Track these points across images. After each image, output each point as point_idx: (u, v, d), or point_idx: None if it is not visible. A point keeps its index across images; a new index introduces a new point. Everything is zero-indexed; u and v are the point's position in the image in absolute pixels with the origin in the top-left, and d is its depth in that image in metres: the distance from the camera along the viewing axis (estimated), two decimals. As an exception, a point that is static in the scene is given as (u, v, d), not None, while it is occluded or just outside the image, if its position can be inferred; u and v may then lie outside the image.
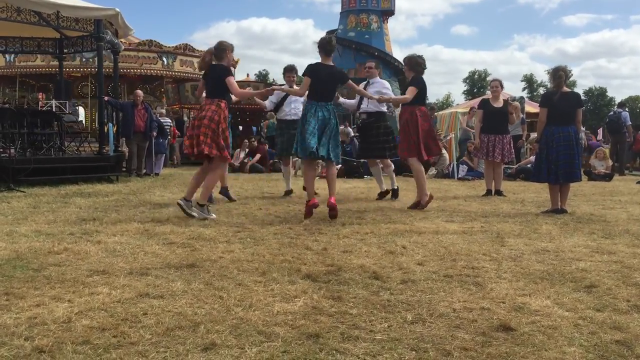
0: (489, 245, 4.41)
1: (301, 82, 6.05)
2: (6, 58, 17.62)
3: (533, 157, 9.39)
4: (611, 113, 16.72)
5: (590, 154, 13.59)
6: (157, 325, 2.49)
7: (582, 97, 7.17)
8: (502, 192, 8.20)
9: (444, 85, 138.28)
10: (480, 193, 8.39)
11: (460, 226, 5.30)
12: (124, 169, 11.31)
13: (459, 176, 11.96)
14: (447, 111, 19.93)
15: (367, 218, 5.79)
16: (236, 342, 2.32)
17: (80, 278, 3.27)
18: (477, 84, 73.58)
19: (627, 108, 17.96)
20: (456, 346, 2.31)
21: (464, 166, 12.20)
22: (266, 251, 4.09)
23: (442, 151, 12.85)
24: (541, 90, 67.75)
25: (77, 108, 16.15)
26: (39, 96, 12.95)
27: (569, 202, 6.72)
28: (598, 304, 2.88)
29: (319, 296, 2.98)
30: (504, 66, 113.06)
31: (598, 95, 73.07)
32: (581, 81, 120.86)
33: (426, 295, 3.02)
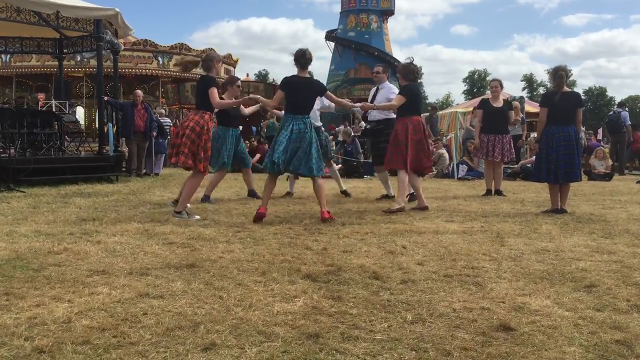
0: (489, 245, 4.41)
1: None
2: (2, 58, 17.61)
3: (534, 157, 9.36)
4: (611, 113, 16.73)
5: (590, 154, 13.58)
6: (157, 325, 2.49)
7: (582, 97, 7.16)
8: (502, 192, 8.20)
9: (444, 85, 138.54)
10: (480, 193, 8.39)
11: (460, 226, 5.30)
12: (124, 169, 11.30)
13: (459, 176, 11.96)
14: (447, 111, 19.92)
15: (367, 218, 5.79)
16: (236, 342, 2.32)
17: (80, 278, 3.27)
18: (477, 84, 73.66)
19: (627, 108, 17.96)
20: (456, 346, 2.31)
21: (464, 166, 12.20)
22: (266, 251, 4.09)
23: (442, 151, 12.88)
24: (541, 90, 67.83)
25: (75, 109, 16.10)
26: (39, 96, 12.95)
27: (569, 202, 6.72)
28: (598, 304, 2.88)
29: (319, 296, 2.98)
30: (504, 66, 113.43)
31: (598, 95, 73.17)
32: (581, 81, 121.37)
33: (426, 295, 3.02)
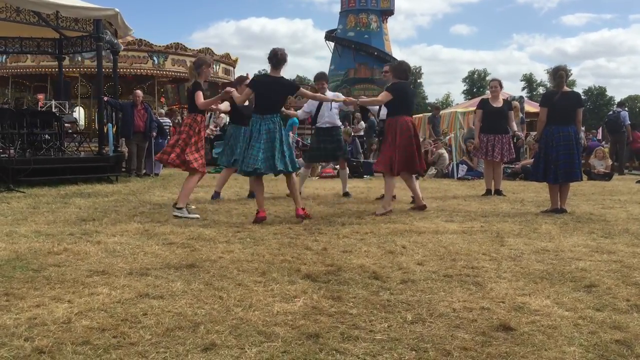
0: (489, 245, 4.41)
1: (335, 88, 6.07)
2: (-1, 59, 17.65)
3: None
4: (610, 112, 16.74)
5: (589, 154, 13.59)
6: (157, 325, 2.50)
7: (582, 97, 7.16)
8: (502, 192, 8.20)
9: (444, 85, 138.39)
10: (479, 193, 8.39)
11: (460, 226, 5.30)
12: (124, 169, 11.30)
13: (459, 176, 11.96)
14: (447, 111, 19.94)
15: (367, 218, 5.80)
16: (236, 343, 2.32)
17: (80, 278, 3.28)
18: (477, 84, 73.67)
19: (627, 107, 17.97)
20: (456, 346, 2.31)
21: (464, 166, 12.20)
22: (266, 251, 4.09)
23: (442, 151, 12.88)
24: (540, 89, 67.89)
25: (74, 109, 16.09)
26: (39, 97, 12.94)
27: (569, 202, 6.72)
28: (598, 304, 2.88)
29: (319, 296, 2.98)
30: (504, 66, 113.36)
31: (597, 94, 73.19)
32: (580, 80, 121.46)
33: (426, 295, 3.03)
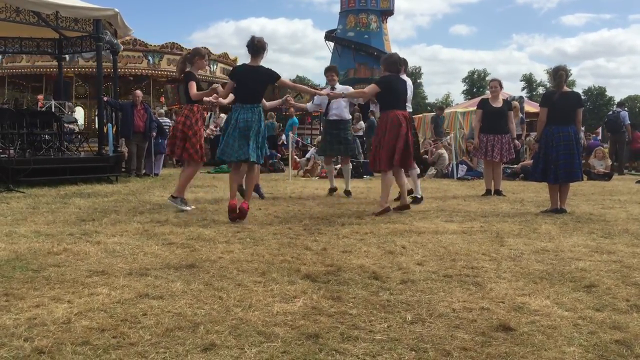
0: (489, 245, 4.41)
1: (343, 81, 6.06)
2: (-5, 59, 17.70)
3: None
4: (610, 112, 16.75)
5: (589, 154, 13.59)
6: (157, 325, 2.49)
7: (582, 97, 7.16)
8: (502, 192, 8.21)
9: (443, 85, 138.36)
10: (479, 193, 8.39)
11: (459, 226, 5.30)
12: (124, 170, 11.30)
13: (459, 176, 11.96)
14: (447, 111, 19.94)
15: (367, 218, 5.79)
16: (236, 343, 2.32)
17: (79, 279, 3.27)
18: (477, 84, 73.72)
19: (627, 107, 17.98)
20: (456, 346, 2.31)
21: (464, 166, 12.21)
22: (266, 251, 4.09)
23: (442, 151, 12.88)
24: (540, 89, 67.95)
25: (75, 110, 16.11)
26: (38, 97, 12.94)
27: (569, 202, 6.72)
28: (597, 304, 2.88)
29: (319, 296, 2.98)
30: (503, 66, 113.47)
31: (597, 94, 73.25)
32: (580, 81, 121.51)
33: (426, 295, 3.03)
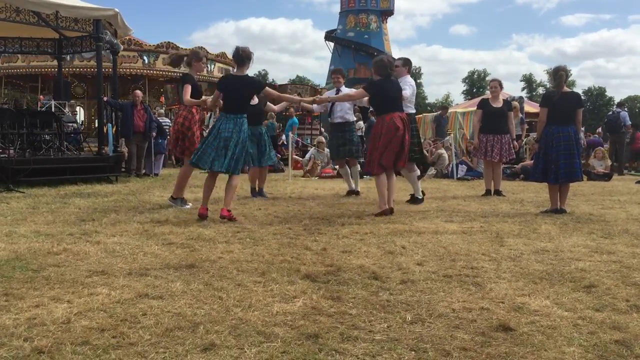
0: (488, 245, 4.41)
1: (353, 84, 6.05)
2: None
3: None
4: (610, 113, 16.76)
5: (589, 154, 13.60)
6: (157, 325, 2.49)
7: (582, 97, 7.16)
8: (502, 192, 8.21)
9: (443, 85, 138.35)
10: (479, 193, 8.39)
11: (459, 226, 5.30)
12: (124, 170, 11.29)
13: (458, 176, 11.96)
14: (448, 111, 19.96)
15: (367, 218, 5.79)
16: (235, 343, 2.32)
17: (79, 279, 3.27)
18: (477, 84, 73.71)
19: (626, 108, 18.00)
20: (455, 346, 2.31)
21: (463, 166, 12.21)
22: (265, 251, 4.09)
23: (442, 151, 12.88)
24: (540, 90, 67.94)
25: (75, 111, 16.14)
26: (41, 97, 12.95)
27: (568, 202, 6.72)
28: (597, 304, 2.88)
29: (318, 296, 2.98)
30: (503, 66, 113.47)
31: (597, 95, 73.24)
32: (580, 81, 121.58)
33: (425, 295, 3.03)
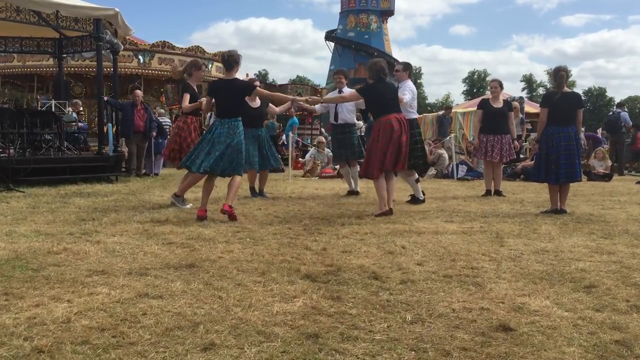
0: (489, 245, 4.41)
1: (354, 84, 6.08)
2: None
3: None
4: (610, 113, 16.78)
5: (592, 149, 13.61)
6: (157, 325, 2.49)
7: (582, 98, 7.16)
8: (502, 192, 8.21)
9: (443, 85, 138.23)
10: (479, 193, 8.39)
11: (459, 226, 5.30)
12: (124, 169, 11.30)
13: (459, 176, 11.96)
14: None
15: (367, 218, 5.79)
16: (235, 342, 2.32)
17: (79, 278, 3.27)
18: (477, 84, 73.67)
19: (627, 108, 18.00)
20: (455, 346, 2.31)
21: (464, 166, 12.21)
22: (265, 251, 4.09)
23: (442, 151, 12.89)
24: (540, 90, 67.96)
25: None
26: (37, 97, 12.94)
27: (569, 202, 6.72)
28: (597, 304, 2.88)
29: (318, 296, 2.98)
30: (503, 66, 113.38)
31: (597, 95, 73.23)
32: (580, 81, 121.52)
33: (425, 295, 3.03)
